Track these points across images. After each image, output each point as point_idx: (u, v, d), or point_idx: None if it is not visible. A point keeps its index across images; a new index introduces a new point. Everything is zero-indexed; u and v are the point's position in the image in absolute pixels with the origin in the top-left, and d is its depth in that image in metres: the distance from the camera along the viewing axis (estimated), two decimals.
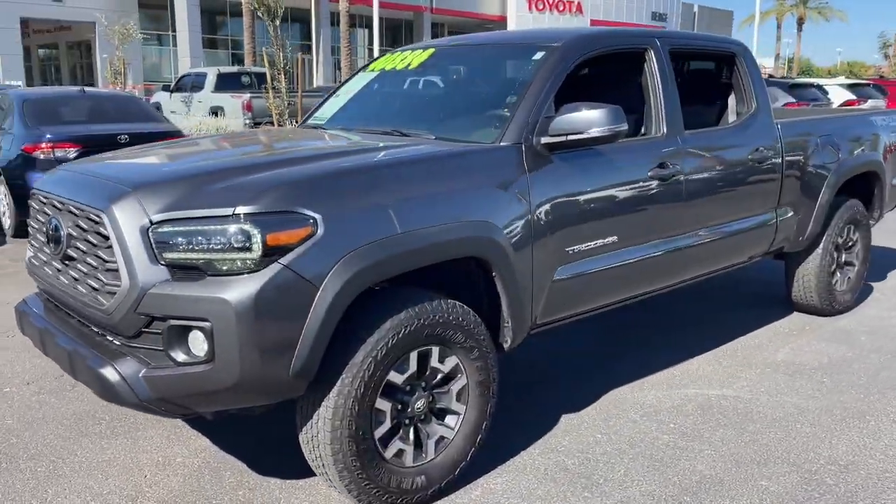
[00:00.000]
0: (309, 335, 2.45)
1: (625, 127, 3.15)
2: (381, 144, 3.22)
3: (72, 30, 39.74)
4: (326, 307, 2.46)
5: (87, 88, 8.65)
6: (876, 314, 5.31)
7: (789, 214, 4.63)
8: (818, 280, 5.02)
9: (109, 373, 2.48)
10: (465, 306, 2.90)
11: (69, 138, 7.48)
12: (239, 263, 2.41)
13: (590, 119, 3.12)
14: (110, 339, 2.62)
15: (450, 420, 2.97)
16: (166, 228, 2.46)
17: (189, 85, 17.39)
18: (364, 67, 4.37)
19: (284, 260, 2.42)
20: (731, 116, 4.45)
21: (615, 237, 3.49)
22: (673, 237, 3.82)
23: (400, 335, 2.67)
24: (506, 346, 3.17)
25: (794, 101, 15.02)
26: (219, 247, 2.41)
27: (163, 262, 2.45)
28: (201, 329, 2.41)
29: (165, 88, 19.02)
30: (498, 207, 2.98)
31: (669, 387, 4.03)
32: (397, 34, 49.54)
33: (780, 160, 4.44)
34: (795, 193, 4.64)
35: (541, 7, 46.82)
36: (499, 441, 3.37)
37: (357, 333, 2.61)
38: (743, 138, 4.25)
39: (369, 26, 47.35)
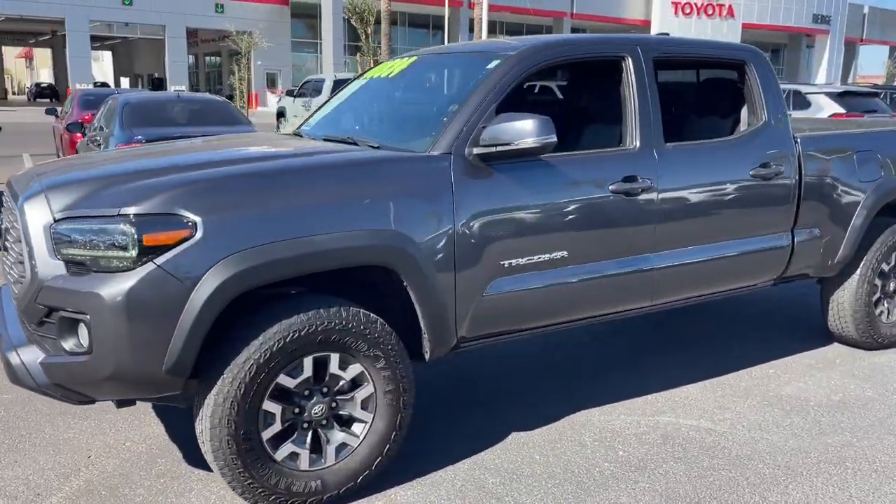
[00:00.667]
0: (181, 334, 2.55)
1: (552, 139, 3.04)
2: (302, 152, 3.28)
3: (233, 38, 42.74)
4: (199, 308, 2.55)
5: (182, 93, 9.31)
6: None
7: (812, 236, 4.25)
8: (854, 309, 4.57)
9: (13, 357, 2.69)
10: (371, 315, 2.90)
11: (157, 139, 8.06)
12: (121, 262, 2.55)
13: (517, 130, 3.03)
14: (26, 327, 2.83)
15: (356, 428, 2.98)
16: (65, 226, 2.63)
17: (310, 90, 18.20)
18: (360, 75, 4.44)
19: (159, 260, 2.54)
20: (743, 128, 4.14)
21: (564, 252, 3.36)
22: (645, 256, 3.62)
23: (288, 339, 2.71)
24: (426, 357, 3.14)
25: None
26: (103, 245, 2.56)
27: (60, 258, 2.62)
28: (83, 321, 2.57)
29: (290, 94, 20.01)
30: (412, 217, 2.96)
31: (643, 413, 3.82)
32: None
33: (796, 177, 4.08)
34: (820, 213, 4.25)
35: (687, 11, 45.22)
36: (430, 451, 3.35)
37: (241, 335, 2.69)
38: (745, 152, 3.94)
39: (510, 32, 47.63)
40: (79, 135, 10.88)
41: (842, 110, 11.45)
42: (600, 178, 3.45)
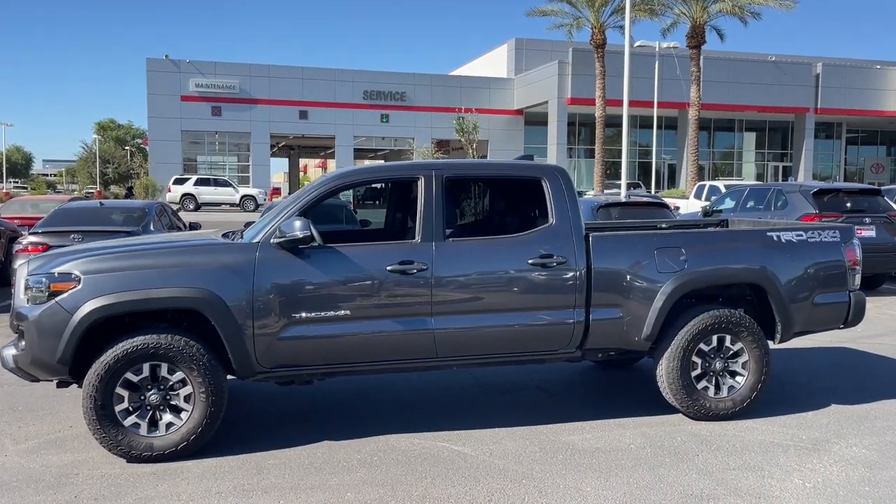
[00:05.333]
0: (63, 340, 4.52)
1: (307, 233, 4.65)
2: (168, 240, 5.20)
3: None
4: (73, 326, 4.51)
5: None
6: (746, 426, 5.30)
7: (612, 316, 5.22)
8: (669, 381, 5.33)
9: (2, 352, 4.83)
10: (190, 341, 4.65)
11: None
12: (42, 298, 4.61)
13: (291, 226, 4.69)
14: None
15: (182, 414, 4.71)
16: (29, 278, 4.76)
17: None
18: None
19: (58, 298, 4.56)
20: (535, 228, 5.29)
21: (347, 311, 4.85)
22: (423, 318, 4.95)
23: (129, 350, 4.56)
24: (237, 376, 4.81)
25: None
26: (37, 289, 4.64)
27: (24, 296, 4.75)
28: (24, 330, 4.64)
29: None
30: (222, 281, 4.69)
31: (433, 440, 5.03)
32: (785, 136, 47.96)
33: (583, 267, 5.13)
34: (617, 297, 5.21)
35: None
36: (252, 440, 4.93)
37: (102, 344, 4.60)
38: (526, 246, 5.10)
39: (749, 129, 46.78)
40: None
41: (813, 211, 11.21)
42: (380, 261, 4.91)
